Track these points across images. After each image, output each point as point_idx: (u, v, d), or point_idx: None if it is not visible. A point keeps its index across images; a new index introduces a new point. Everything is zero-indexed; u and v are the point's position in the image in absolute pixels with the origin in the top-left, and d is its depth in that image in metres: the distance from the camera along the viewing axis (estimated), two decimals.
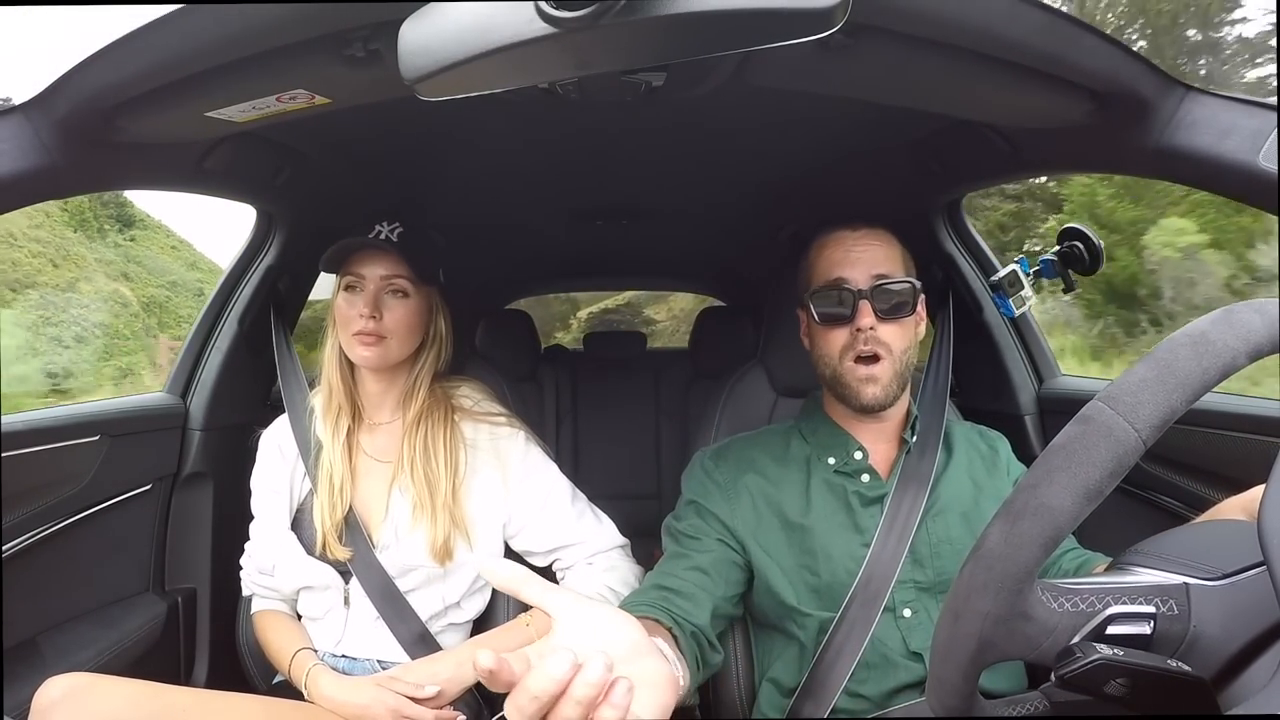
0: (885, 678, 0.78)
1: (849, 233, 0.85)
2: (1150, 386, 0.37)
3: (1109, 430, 0.37)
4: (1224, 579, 0.42)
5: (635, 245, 1.93)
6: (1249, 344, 0.38)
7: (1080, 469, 0.37)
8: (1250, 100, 0.63)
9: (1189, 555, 0.44)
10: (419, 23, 0.49)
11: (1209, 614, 0.41)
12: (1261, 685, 0.38)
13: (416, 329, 0.95)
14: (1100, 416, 0.38)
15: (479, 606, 0.98)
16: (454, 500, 0.93)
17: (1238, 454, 0.89)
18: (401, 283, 0.92)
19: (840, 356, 0.82)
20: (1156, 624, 0.41)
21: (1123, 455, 0.37)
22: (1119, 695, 0.40)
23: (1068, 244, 1.04)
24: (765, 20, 0.43)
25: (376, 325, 0.90)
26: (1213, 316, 0.39)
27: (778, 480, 0.85)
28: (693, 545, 0.82)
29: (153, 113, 0.68)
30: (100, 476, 1.05)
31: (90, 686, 0.75)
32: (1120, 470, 0.37)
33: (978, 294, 1.22)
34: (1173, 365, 0.38)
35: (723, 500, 0.85)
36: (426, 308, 0.96)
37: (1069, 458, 0.38)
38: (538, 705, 0.35)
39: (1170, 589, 0.42)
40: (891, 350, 0.81)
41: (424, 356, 0.97)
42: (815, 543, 0.81)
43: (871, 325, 0.80)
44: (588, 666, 0.35)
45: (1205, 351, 0.38)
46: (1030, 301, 1.10)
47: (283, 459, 1.00)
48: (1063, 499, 0.37)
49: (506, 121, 0.95)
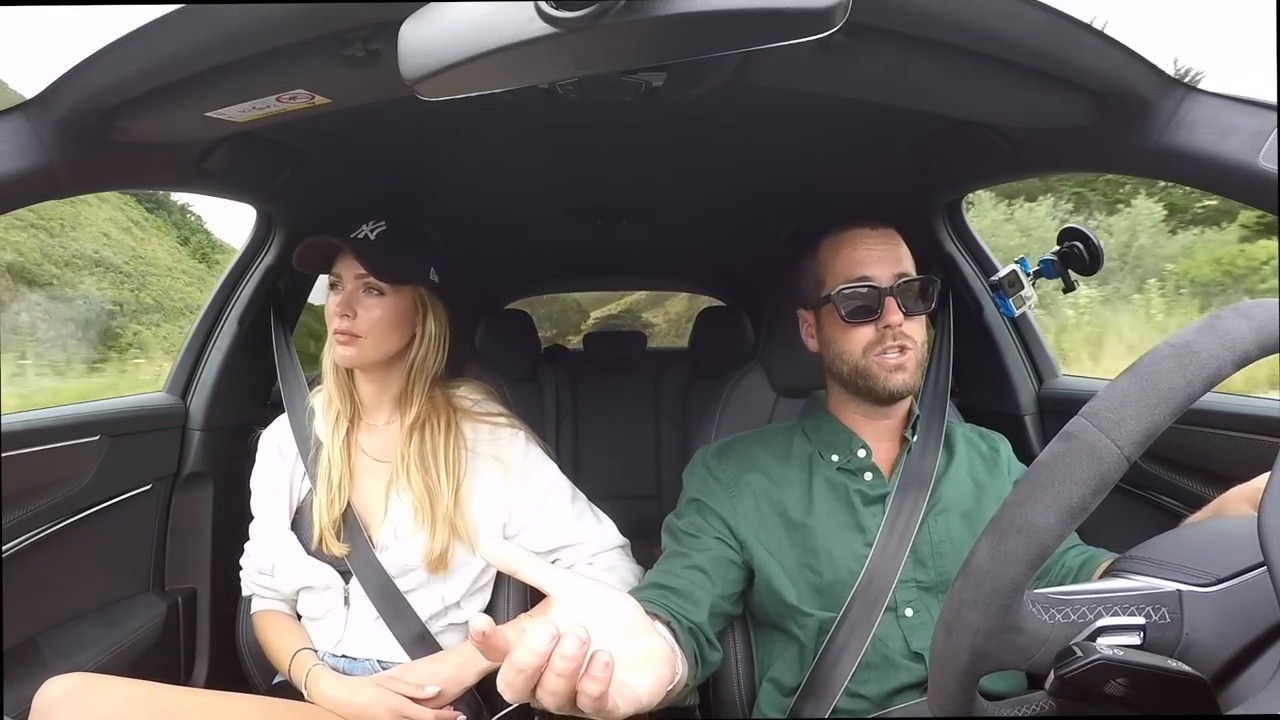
0: (886, 678, 0.78)
1: (868, 231, 0.85)
2: (1133, 401, 0.37)
3: (1092, 448, 0.37)
4: (1218, 584, 0.42)
5: (635, 245, 1.93)
6: (1235, 352, 0.38)
7: (1063, 487, 0.37)
8: (1250, 100, 0.63)
9: (1183, 560, 0.44)
10: (419, 23, 0.49)
11: (1202, 621, 0.41)
12: (1261, 685, 0.38)
13: (394, 329, 0.93)
14: (1083, 434, 0.38)
15: (479, 606, 0.98)
16: (455, 510, 0.92)
17: (1238, 454, 0.89)
18: (376, 282, 0.91)
19: (864, 353, 0.82)
20: (1147, 633, 0.42)
21: (1105, 473, 0.37)
22: (1119, 695, 0.40)
23: (1068, 244, 1.04)
24: (765, 20, 0.43)
25: (350, 324, 0.90)
26: (1197, 325, 0.39)
27: (780, 479, 0.85)
28: (692, 544, 0.82)
29: (153, 113, 0.68)
30: (100, 476, 1.05)
31: (90, 687, 0.75)
32: (1104, 487, 0.37)
33: (978, 294, 1.22)
34: (1155, 378, 0.37)
35: (725, 498, 0.85)
36: (408, 307, 0.94)
37: (1052, 476, 0.38)
38: (522, 678, 0.37)
39: (1163, 596, 0.42)
40: (915, 343, 0.82)
41: (413, 356, 0.96)
42: (817, 542, 0.81)
43: (900, 321, 0.81)
44: (564, 640, 0.36)
45: (1190, 362, 0.37)
46: (1030, 301, 1.10)
47: (282, 459, 1.00)
48: (1046, 517, 0.37)
49: (506, 121, 0.95)
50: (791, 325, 0.93)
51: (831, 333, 0.86)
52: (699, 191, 1.39)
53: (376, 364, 0.95)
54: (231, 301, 1.24)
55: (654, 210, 1.53)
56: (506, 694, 0.38)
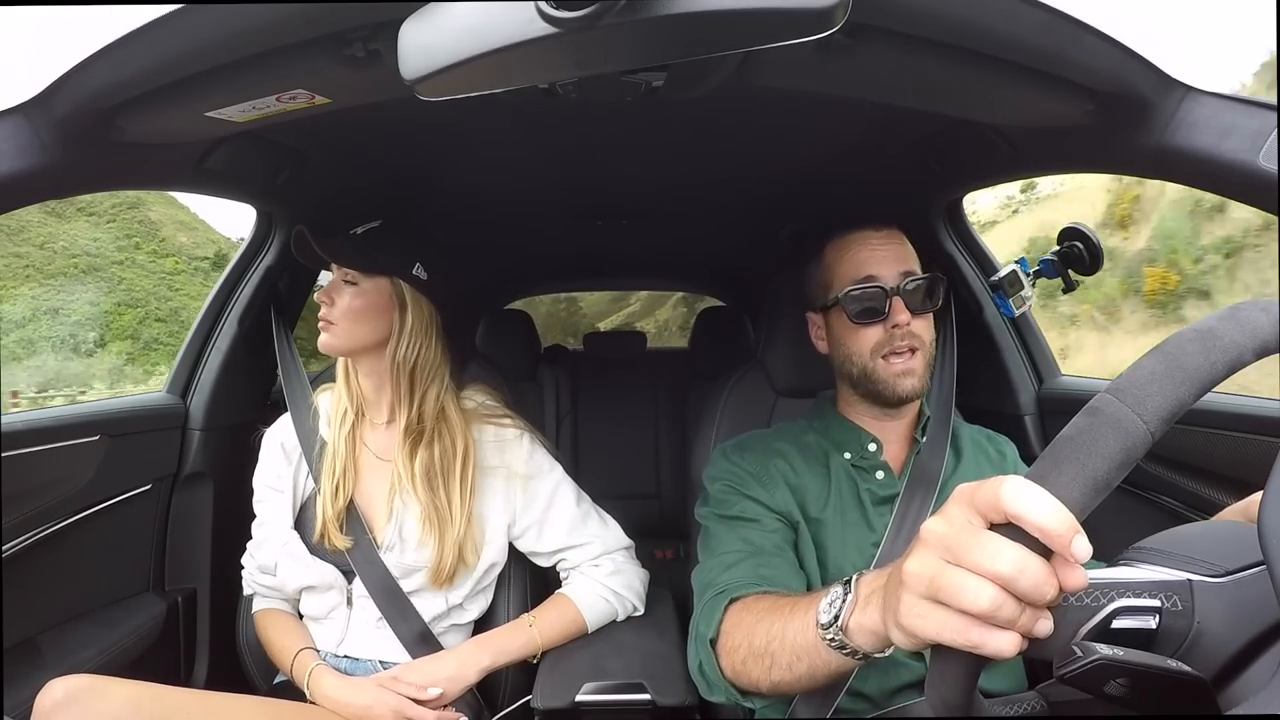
0: (887, 676, 0.78)
1: (872, 232, 0.85)
2: (1159, 379, 0.37)
3: (1117, 422, 0.36)
4: (1228, 576, 0.42)
5: (635, 245, 1.93)
6: (1256, 340, 0.38)
7: (1089, 460, 0.36)
8: (1250, 100, 0.63)
9: (1192, 552, 0.44)
10: (419, 23, 0.49)
11: (1213, 610, 0.41)
12: (1261, 685, 0.38)
13: (364, 318, 0.93)
14: (1109, 408, 0.37)
15: (482, 607, 0.98)
16: (466, 534, 0.92)
17: (1238, 454, 0.89)
18: (351, 273, 0.94)
19: (873, 354, 0.83)
20: (1162, 619, 0.41)
21: (1131, 447, 0.36)
22: (1119, 695, 0.39)
23: (1068, 244, 1.04)
24: (765, 20, 0.43)
25: (327, 312, 0.93)
26: (1220, 314, 0.39)
27: (802, 471, 0.86)
28: (753, 532, 0.81)
29: (153, 113, 0.68)
30: (100, 476, 1.05)
31: (91, 688, 0.75)
32: (1128, 462, 0.36)
33: (978, 294, 1.22)
34: (1180, 359, 0.37)
35: (760, 487, 0.85)
36: (382, 299, 0.94)
37: (1077, 449, 0.37)
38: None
39: (1174, 585, 0.42)
40: (924, 342, 0.82)
41: (391, 350, 0.95)
42: (829, 537, 0.82)
43: (908, 321, 0.81)
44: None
45: (1213, 346, 0.37)
46: (1030, 301, 1.10)
47: (285, 457, 1.00)
48: (1071, 491, 0.36)
49: (506, 121, 0.95)
50: (792, 325, 0.93)
51: (840, 335, 0.86)
52: (699, 191, 1.39)
53: (353, 352, 0.96)
54: (232, 301, 1.24)
55: (654, 210, 1.53)
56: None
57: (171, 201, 29.19)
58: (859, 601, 0.51)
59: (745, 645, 0.65)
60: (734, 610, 0.70)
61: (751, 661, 0.64)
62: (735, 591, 0.72)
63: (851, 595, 0.52)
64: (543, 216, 1.59)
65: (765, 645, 0.62)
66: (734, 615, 0.70)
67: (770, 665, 0.62)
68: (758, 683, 0.64)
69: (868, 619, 0.50)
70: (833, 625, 0.53)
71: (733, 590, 0.72)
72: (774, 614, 0.63)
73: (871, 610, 0.49)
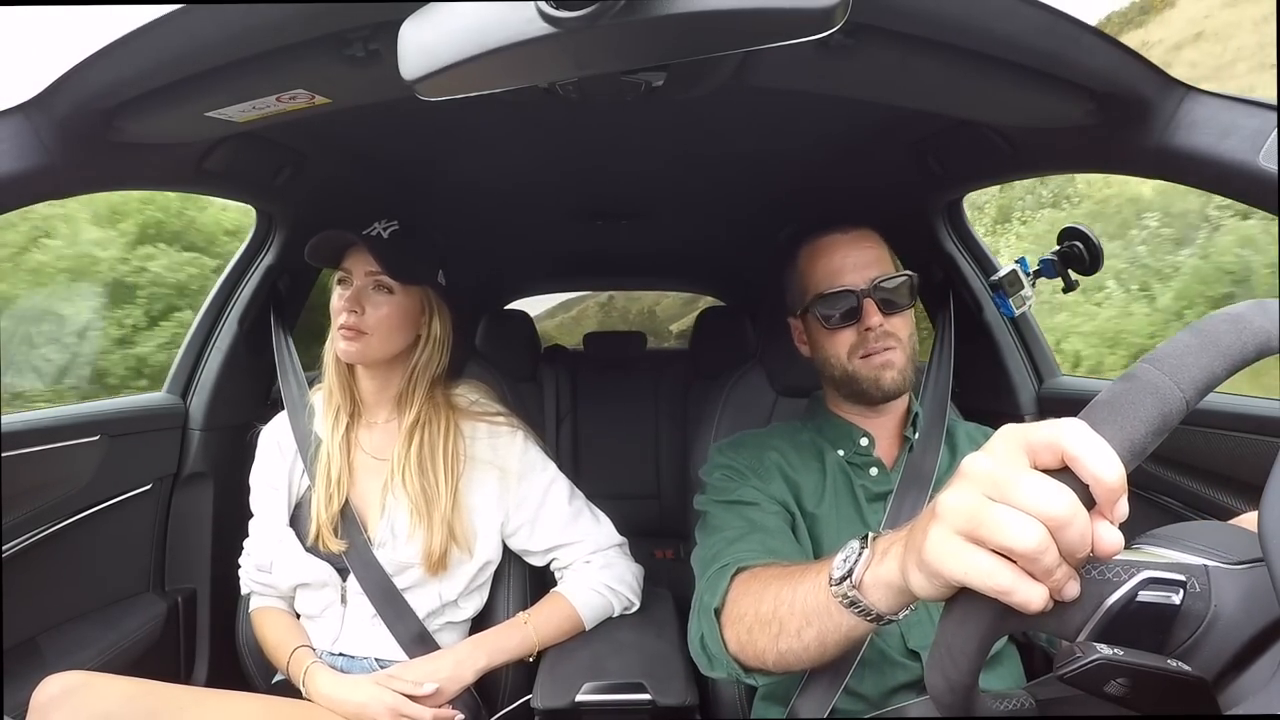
0: (883, 676, 0.78)
1: (841, 235, 0.86)
2: (1194, 352, 0.37)
3: (1155, 388, 0.36)
4: (1242, 564, 0.42)
5: (635, 245, 1.93)
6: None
7: (1126, 423, 0.36)
8: (1250, 100, 0.63)
9: (1206, 542, 0.44)
10: (419, 23, 0.49)
11: (1228, 596, 0.41)
12: (1261, 685, 0.38)
13: (401, 328, 0.93)
14: (1146, 375, 0.37)
15: (477, 605, 0.98)
16: (453, 513, 0.92)
17: (1238, 454, 0.89)
18: (386, 280, 0.91)
19: (849, 356, 0.83)
20: (1185, 596, 0.41)
21: (1168, 414, 0.36)
22: (1119, 695, 0.39)
23: (1068, 244, 1.04)
24: (765, 20, 0.43)
25: (358, 320, 0.90)
26: (1248, 303, 0.40)
27: (797, 467, 0.86)
28: (754, 513, 0.80)
29: (153, 113, 0.68)
30: (100, 476, 1.05)
31: (87, 684, 0.75)
32: (1164, 429, 0.36)
33: (978, 294, 1.22)
34: (1214, 336, 0.38)
35: (757, 479, 0.85)
36: (415, 307, 0.95)
37: (1114, 412, 0.36)
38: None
39: (1192, 568, 0.42)
40: (901, 340, 0.83)
41: (416, 357, 0.96)
42: (823, 532, 0.82)
43: (880, 323, 0.81)
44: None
45: (1244, 329, 0.38)
46: (1030, 301, 1.10)
47: (281, 455, 1.00)
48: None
49: (506, 121, 0.95)
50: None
51: (817, 339, 0.87)
52: (699, 191, 1.39)
53: (379, 362, 0.95)
54: (231, 301, 1.24)
55: (654, 210, 1.53)
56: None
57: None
58: (876, 555, 0.50)
59: (752, 613, 0.63)
60: (741, 579, 0.68)
61: (758, 629, 0.62)
62: (742, 562, 0.70)
63: (868, 550, 0.51)
64: (543, 216, 1.59)
65: (773, 611, 0.60)
66: (741, 584, 0.68)
67: (778, 633, 0.59)
68: (763, 653, 0.62)
69: (885, 570, 0.48)
70: (846, 579, 0.51)
71: (739, 561, 0.71)
72: (783, 579, 0.61)
73: (890, 561, 0.47)
